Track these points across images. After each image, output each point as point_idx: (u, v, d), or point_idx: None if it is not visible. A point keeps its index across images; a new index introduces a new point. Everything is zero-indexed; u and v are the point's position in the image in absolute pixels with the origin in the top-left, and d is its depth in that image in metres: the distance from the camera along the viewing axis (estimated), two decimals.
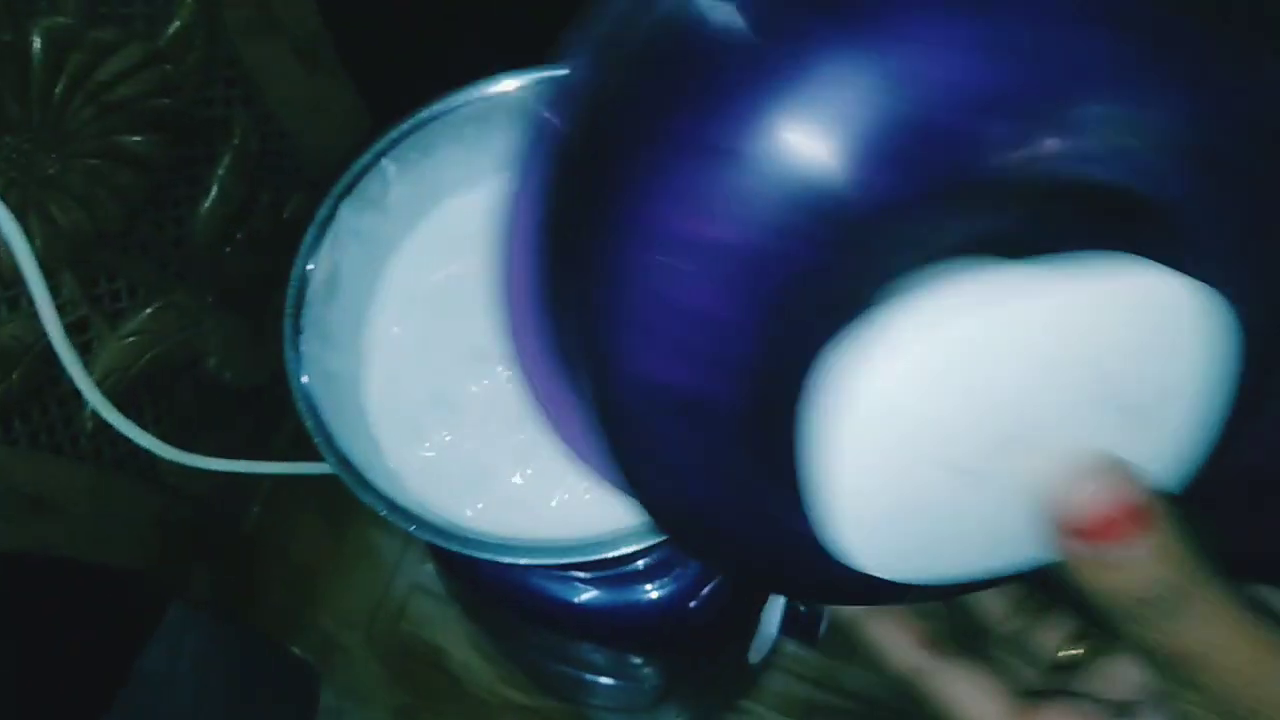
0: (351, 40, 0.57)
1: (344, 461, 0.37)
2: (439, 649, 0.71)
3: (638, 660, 0.47)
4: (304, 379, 0.39)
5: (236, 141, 0.54)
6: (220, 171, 0.54)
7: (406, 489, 0.41)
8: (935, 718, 0.28)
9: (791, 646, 0.65)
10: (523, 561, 0.35)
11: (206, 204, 0.54)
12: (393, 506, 0.37)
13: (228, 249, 0.58)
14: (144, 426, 0.48)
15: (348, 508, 0.67)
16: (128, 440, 0.47)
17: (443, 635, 0.72)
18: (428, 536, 0.36)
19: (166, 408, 0.56)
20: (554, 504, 0.41)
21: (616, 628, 0.45)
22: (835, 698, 0.69)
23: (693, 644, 0.45)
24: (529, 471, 0.41)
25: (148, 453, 0.48)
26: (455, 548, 0.36)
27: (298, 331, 0.40)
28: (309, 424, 0.38)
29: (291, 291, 0.40)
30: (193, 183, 0.53)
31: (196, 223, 0.55)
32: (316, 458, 0.35)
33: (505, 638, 0.58)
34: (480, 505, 0.41)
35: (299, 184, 0.63)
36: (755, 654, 0.51)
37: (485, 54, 0.41)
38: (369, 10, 0.57)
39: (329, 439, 0.38)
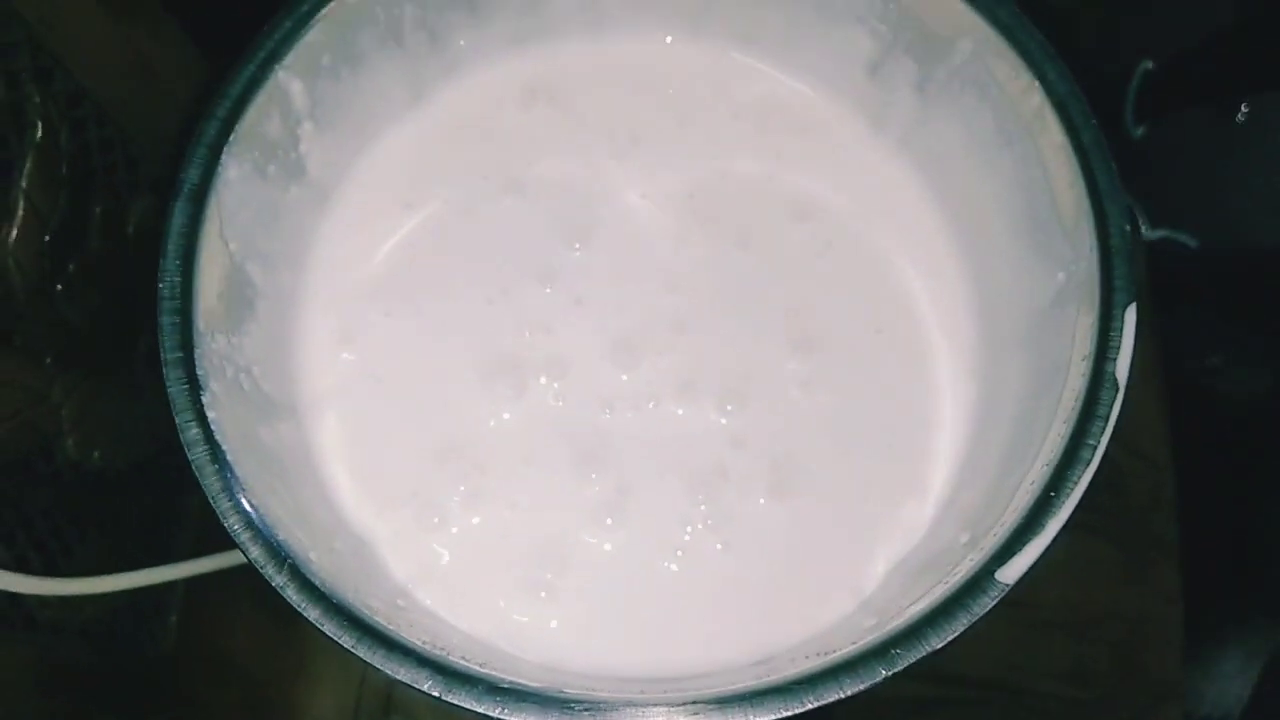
0: None
1: (330, 605, 0.21)
2: None
3: None
4: (221, 475, 0.22)
5: (38, 136, 0.45)
6: (23, 183, 0.45)
7: (433, 615, 0.26)
8: None
9: None
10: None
11: (14, 231, 0.47)
12: (429, 664, 0.21)
13: (59, 287, 0.50)
14: None
15: None
16: None
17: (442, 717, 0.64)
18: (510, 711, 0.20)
19: (17, 520, 0.49)
20: (666, 571, 0.28)
21: None
22: (945, 689, 0.63)
23: None
24: (611, 535, 0.29)
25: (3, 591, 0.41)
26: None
27: (195, 389, 0.23)
28: (252, 555, 0.21)
29: (167, 323, 0.23)
30: None
31: (6, 259, 0.47)
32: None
33: None
34: (541, 606, 0.28)
35: (139, 183, 0.55)
36: None
37: None
38: None
39: (296, 574, 0.21)
